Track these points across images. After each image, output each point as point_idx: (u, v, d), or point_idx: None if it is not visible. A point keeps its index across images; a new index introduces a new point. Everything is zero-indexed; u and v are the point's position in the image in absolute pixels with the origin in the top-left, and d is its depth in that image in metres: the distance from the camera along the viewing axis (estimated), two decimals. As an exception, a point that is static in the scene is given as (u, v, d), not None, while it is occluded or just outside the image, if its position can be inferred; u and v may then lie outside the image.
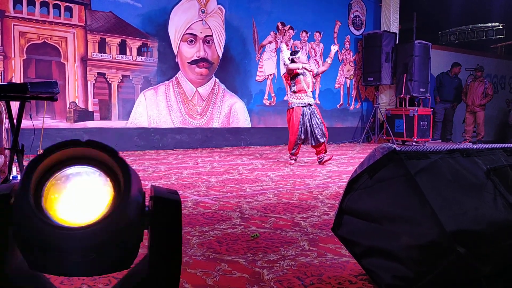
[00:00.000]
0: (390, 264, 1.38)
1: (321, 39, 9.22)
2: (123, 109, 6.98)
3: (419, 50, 9.10)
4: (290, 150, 5.31)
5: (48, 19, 6.31)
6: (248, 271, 1.67)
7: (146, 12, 7.08)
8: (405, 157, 1.35)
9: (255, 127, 8.32)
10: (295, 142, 5.18)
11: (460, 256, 1.20)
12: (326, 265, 1.74)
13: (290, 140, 5.26)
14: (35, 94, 2.75)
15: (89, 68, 6.63)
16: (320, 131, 5.15)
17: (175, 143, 7.42)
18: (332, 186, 3.74)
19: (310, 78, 5.30)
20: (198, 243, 2.02)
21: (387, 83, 9.43)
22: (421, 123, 8.93)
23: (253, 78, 8.31)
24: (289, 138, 5.29)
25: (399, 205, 1.36)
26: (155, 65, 7.23)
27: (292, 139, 5.20)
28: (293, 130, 5.16)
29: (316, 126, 5.14)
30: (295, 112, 5.18)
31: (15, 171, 3.24)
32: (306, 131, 5.13)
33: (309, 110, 5.18)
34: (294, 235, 2.17)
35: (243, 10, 8.10)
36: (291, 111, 5.24)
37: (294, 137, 5.16)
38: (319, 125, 5.17)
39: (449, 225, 1.22)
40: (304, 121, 5.13)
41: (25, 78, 6.11)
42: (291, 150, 5.28)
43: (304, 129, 5.13)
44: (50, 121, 6.26)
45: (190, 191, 3.41)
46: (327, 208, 2.81)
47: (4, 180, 2.88)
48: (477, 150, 1.49)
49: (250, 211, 2.71)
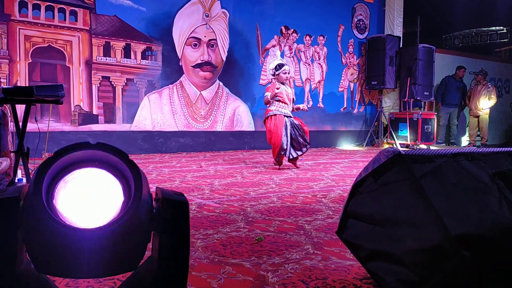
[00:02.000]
0: (394, 268, 1.38)
1: (324, 43, 9.23)
2: (128, 113, 7.01)
3: (423, 54, 9.10)
4: (274, 156, 5.15)
5: (53, 23, 6.35)
6: (253, 274, 1.67)
7: (151, 16, 7.12)
8: (410, 161, 1.36)
9: (259, 131, 8.33)
10: (279, 150, 5.01)
11: (465, 260, 1.20)
12: (330, 268, 1.74)
13: (274, 147, 5.07)
14: (41, 98, 2.77)
15: (93, 72, 6.66)
16: (304, 141, 5.07)
17: (179, 147, 7.44)
18: (336, 189, 3.74)
19: (290, 91, 5.23)
20: (203, 246, 2.02)
21: (391, 87, 9.42)
22: (425, 127, 8.91)
23: (256, 82, 8.32)
24: (272, 145, 5.11)
25: (404, 209, 1.36)
26: (159, 68, 7.26)
27: (276, 145, 5.02)
28: (277, 137, 4.99)
29: (299, 134, 5.06)
30: (278, 119, 5.03)
31: (20, 174, 3.26)
32: (287, 141, 5.01)
33: (289, 120, 5.09)
34: (299, 238, 2.18)
35: (247, 14, 8.12)
36: (273, 118, 5.06)
37: (278, 143, 4.99)
38: (302, 134, 5.08)
39: (454, 228, 1.22)
40: (287, 131, 5.02)
41: (30, 82, 6.15)
42: (276, 157, 5.13)
43: (286, 139, 5.00)
44: (55, 124, 6.28)
45: (194, 194, 3.41)
46: (331, 212, 2.81)
47: (9, 183, 2.90)
48: (481, 154, 1.49)
49: (254, 214, 2.71)
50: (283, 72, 5.13)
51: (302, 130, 5.11)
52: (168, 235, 0.91)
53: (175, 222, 0.91)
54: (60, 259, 0.80)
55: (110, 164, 0.84)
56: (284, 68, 5.15)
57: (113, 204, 0.83)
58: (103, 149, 0.82)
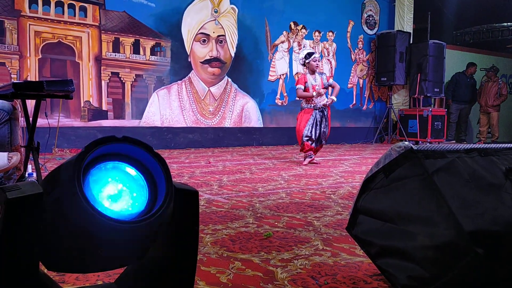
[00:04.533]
0: (405, 265, 1.36)
1: (334, 39, 9.17)
2: (136, 108, 7.03)
3: (433, 50, 9.01)
4: (300, 144, 5.35)
5: (63, 19, 6.38)
6: (262, 269, 1.66)
7: (160, 12, 7.12)
8: (422, 156, 1.34)
9: (267, 127, 8.32)
10: (302, 137, 5.19)
11: (478, 257, 1.18)
12: (340, 265, 1.73)
13: (297, 136, 5.30)
14: (51, 92, 2.77)
15: (103, 68, 6.68)
16: (322, 136, 5.22)
17: (187, 142, 7.45)
18: (345, 186, 3.72)
19: (319, 81, 5.21)
20: (212, 241, 2.02)
21: (401, 83, 9.35)
22: (435, 124, 8.84)
23: (265, 78, 8.30)
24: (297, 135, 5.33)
25: (416, 205, 1.34)
26: (168, 64, 7.27)
27: (299, 134, 5.24)
28: (299, 128, 5.21)
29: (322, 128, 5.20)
30: (305, 112, 5.22)
31: (30, 169, 3.28)
32: (311, 131, 5.15)
33: (319, 113, 5.18)
34: (308, 234, 2.16)
35: (255, 10, 8.09)
36: (302, 112, 5.29)
37: (300, 133, 5.20)
38: (326, 127, 5.23)
39: (467, 225, 1.20)
40: (313, 122, 5.16)
41: (40, 77, 6.19)
42: (300, 145, 5.32)
43: (310, 129, 5.15)
44: (64, 119, 6.32)
45: (203, 190, 3.41)
46: (340, 208, 2.79)
47: (20, 177, 2.92)
48: (495, 149, 1.46)
49: (263, 210, 2.70)
50: (313, 60, 5.14)
51: (326, 124, 5.22)
52: (179, 223, 0.92)
53: (188, 211, 0.92)
54: (90, 252, 0.81)
55: (133, 158, 0.85)
56: (314, 56, 5.17)
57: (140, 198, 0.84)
58: (129, 142, 0.83)
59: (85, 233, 0.76)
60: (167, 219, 0.83)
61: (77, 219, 0.75)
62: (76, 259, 0.83)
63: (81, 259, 0.83)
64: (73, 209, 0.75)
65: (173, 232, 0.93)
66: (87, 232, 0.76)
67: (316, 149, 5.32)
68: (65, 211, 0.77)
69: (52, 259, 0.86)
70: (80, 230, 0.77)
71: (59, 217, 0.79)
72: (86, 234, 0.76)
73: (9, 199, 0.77)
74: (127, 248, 0.81)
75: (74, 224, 0.77)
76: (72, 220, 0.77)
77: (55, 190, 0.79)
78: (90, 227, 0.75)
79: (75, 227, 0.77)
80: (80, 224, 0.75)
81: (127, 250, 0.82)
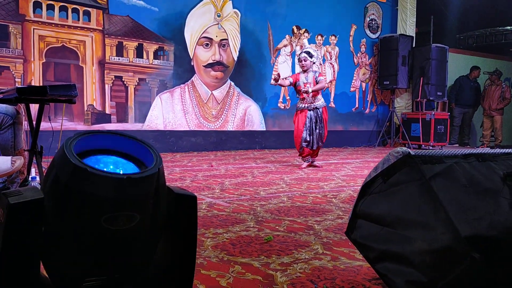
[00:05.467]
0: (403, 269, 1.37)
1: (336, 43, 9.19)
2: (140, 112, 7.06)
3: (436, 54, 9.01)
4: (297, 149, 5.39)
5: (67, 23, 6.42)
6: (262, 273, 1.68)
7: (163, 16, 7.16)
8: (419, 161, 1.35)
9: (270, 130, 8.33)
10: (300, 141, 5.22)
11: (475, 262, 1.18)
12: (339, 269, 1.74)
13: (295, 141, 5.34)
14: (54, 97, 2.80)
15: (106, 71, 6.72)
16: (320, 136, 5.23)
17: (190, 146, 7.47)
18: (346, 190, 3.73)
19: (304, 80, 5.23)
20: (212, 245, 2.03)
21: (403, 87, 9.35)
22: (438, 127, 8.82)
23: (267, 82, 8.32)
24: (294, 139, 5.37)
25: (413, 210, 1.35)
26: (171, 68, 7.30)
27: (297, 138, 5.28)
28: (297, 131, 5.25)
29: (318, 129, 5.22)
30: (300, 114, 5.25)
31: (33, 172, 3.30)
32: (308, 134, 5.19)
33: (313, 113, 5.21)
34: (308, 238, 2.17)
35: (258, 14, 8.13)
36: (297, 113, 5.33)
37: (298, 137, 5.24)
38: (321, 129, 5.24)
39: (464, 230, 1.21)
40: (309, 124, 5.19)
41: (44, 81, 6.23)
42: (299, 150, 5.36)
43: (307, 132, 5.19)
44: (68, 123, 6.36)
45: (205, 194, 3.43)
46: (341, 212, 2.80)
47: (23, 181, 2.94)
48: (493, 155, 1.47)
49: (264, 214, 2.71)
50: (298, 60, 5.38)
51: (322, 125, 5.22)
52: (177, 228, 0.93)
53: (186, 215, 0.93)
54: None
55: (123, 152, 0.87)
56: (299, 56, 5.36)
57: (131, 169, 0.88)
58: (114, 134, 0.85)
59: (87, 200, 0.78)
60: (163, 186, 0.84)
61: (75, 181, 0.77)
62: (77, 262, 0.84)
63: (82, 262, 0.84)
64: (68, 173, 0.78)
65: (172, 236, 0.94)
66: (89, 194, 0.77)
67: (314, 151, 5.33)
68: (62, 179, 0.79)
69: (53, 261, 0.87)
70: (81, 197, 0.78)
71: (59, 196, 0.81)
72: (89, 201, 0.78)
73: (10, 204, 0.78)
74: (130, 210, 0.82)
75: (71, 188, 0.78)
76: (72, 187, 0.79)
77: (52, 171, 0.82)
78: (90, 186, 0.76)
79: (74, 193, 0.78)
80: (80, 188, 0.77)
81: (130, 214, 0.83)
